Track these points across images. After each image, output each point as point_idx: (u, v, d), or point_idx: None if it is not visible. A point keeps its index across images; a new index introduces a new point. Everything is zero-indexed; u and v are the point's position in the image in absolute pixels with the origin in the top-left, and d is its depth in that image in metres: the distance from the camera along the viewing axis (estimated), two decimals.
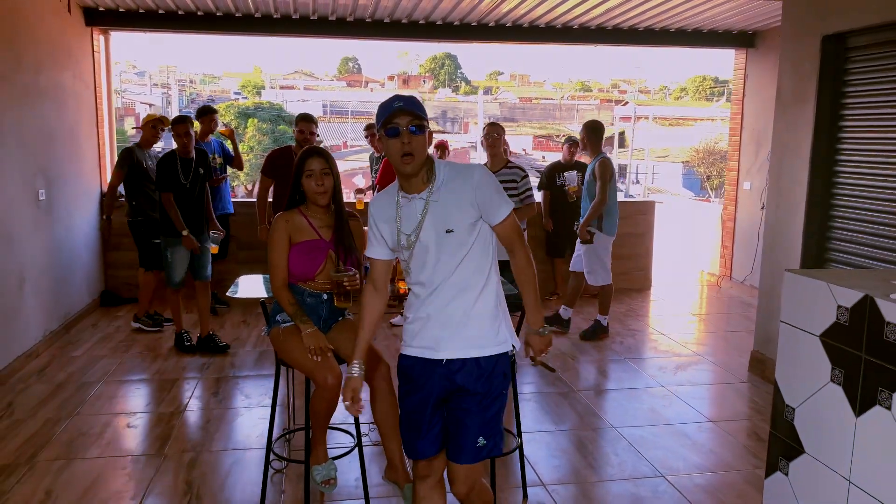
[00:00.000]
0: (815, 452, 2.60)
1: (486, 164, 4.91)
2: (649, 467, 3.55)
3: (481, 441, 2.22)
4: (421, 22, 6.90)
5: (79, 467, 3.47)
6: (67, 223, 5.86)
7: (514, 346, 2.31)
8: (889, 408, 2.21)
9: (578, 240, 5.70)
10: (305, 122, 5.16)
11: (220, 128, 6.28)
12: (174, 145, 5.12)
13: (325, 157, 2.96)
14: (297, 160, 2.96)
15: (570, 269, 5.93)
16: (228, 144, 6.40)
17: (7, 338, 4.74)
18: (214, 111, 6.25)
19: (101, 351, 5.29)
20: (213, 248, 5.27)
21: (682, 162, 32.27)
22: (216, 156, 6.15)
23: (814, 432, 2.61)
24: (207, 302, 5.36)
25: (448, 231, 2.15)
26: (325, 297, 3.04)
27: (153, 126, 5.73)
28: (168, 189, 4.97)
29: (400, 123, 2.09)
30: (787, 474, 2.76)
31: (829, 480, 2.51)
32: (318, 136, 5.32)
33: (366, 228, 2.36)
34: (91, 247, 6.45)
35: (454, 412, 2.26)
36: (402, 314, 5.85)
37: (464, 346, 2.22)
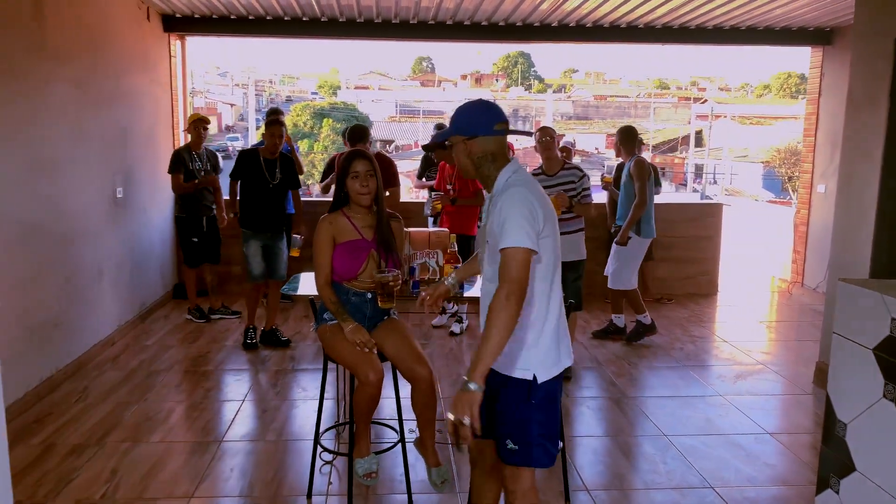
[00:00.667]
0: (866, 471, 2.50)
1: (541, 168, 4.91)
2: (698, 477, 3.47)
3: (510, 444, 2.23)
4: (501, 23, 6.90)
5: (143, 450, 3.68)
6: (143, 219, 6.20)
7: (534, 376, 2.19)
8: None
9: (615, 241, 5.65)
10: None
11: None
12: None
13: (370, 159, 3.05)
14: (343, 162, 3.06)
15: (606, 273, 5.80)
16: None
17: (86, 326, 5.05)
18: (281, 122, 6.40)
19: (170, 341, 5.57)
20: (294, 252, 5.22)
21: (762, 162, 31.08)
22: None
23: (866, 450, 2.51)
24: (277, 299, 5.56)
25: (486, 241, 2.22)
26: (369, 296, 3.10)
27: (195, 126, 5.98)
28: (236, 177, 5.29)
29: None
30: (838, 492, 2.66)
31: (881, 500, 2.41)
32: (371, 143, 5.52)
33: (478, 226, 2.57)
34: (165, 242, 6.79)
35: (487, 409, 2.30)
36: (440, 314, 5.94)
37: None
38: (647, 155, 7.01)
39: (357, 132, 5.42)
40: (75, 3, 4.92)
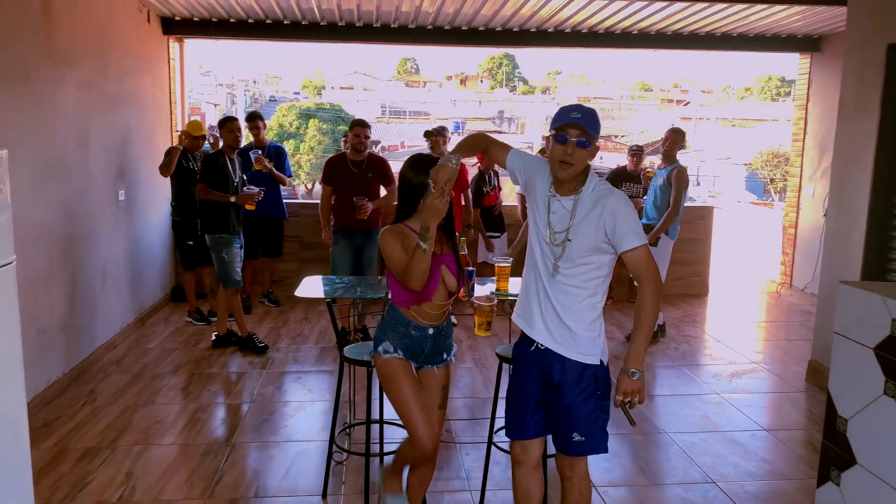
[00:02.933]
0: (867, 464, 2.62)
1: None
2: (700, 473, 3.59)
3: (577, 437, 2.38)
4: (481, 28, 7.02)
5: (155, 452, 3.73)
6: (144, 222, 6.22)
7: (602, 361, 2.41)
8: None
9: None
10: (361, 127, 5.32)
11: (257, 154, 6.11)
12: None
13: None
14: (419, 177, 2.55)
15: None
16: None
17: (91, 329, 5.08)
18: (260, 117, 6.46)
19: (172, 344, 5.60)
20: (251, 205, 5.22)
21: (745, 164, 31.47)
22: (270, 160, 6.28)
23: (867, 444, 2.63)
24: (238, 304, 5.46)
25: (568, 239, 2.30)
26: (430, 331, 2.63)
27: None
28: (206, 182, 5.14)
29: (570, 134, 2.24)
30: (838, 485, 2.78)
31: (881, 492, 2.53)
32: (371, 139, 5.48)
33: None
34: (164, 244, 6.81)
35: (550, 403, 2.45)
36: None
37: (554, 341, 2.38)
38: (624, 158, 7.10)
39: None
40: (82, 7, 4.95)
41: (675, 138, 5.64)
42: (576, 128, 2.23)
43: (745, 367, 5.30)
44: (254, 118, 6.42)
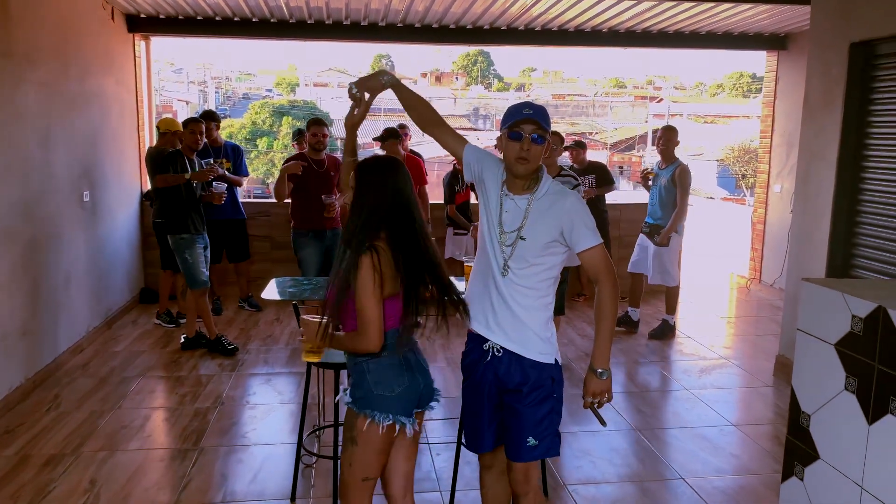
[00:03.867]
0: (829, 459, 2.65)
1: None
2: (669, 469, 3.61)
3: (531, 441, 2.34)
4: (452, 26, 7.00)
5: (121, 458, 3.66)
6: (110, 223, 6.11)
7: (556, 360, 2.40)
8: None
9: (641, 243, 5.92)
10: (318, 126, 5.32)
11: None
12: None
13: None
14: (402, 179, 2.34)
15: (630, 270, 6.05)
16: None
17: (55, 333, 4.98)
18: (214, 117, 6.35)
19: (140, 346, 5.51)
20: (219, 199, 5.34)
21: (717, 160, 31.85)
22: (225, 160, 6.23)
23: (828, 439, 2.66)
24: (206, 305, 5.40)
25: (521, 238, 2.28)
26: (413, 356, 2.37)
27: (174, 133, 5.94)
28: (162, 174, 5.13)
29: (525, 130, 2.22)
30: (802, 479, 2.81)
31: (842, 486, 2.56)
32: (329, 137, 5.46)
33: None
34: (132, 246, 6.70)
35: (505, 410, 2.40)
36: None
37: (511, 341, 2.34)
38: (604, 155, 7.21)
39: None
40: (42, 5, 4.84)
41: (669, 136, 5.75)
42: (530, 123, 2.21)
43: (715, 363, 5.35)
44: (206, 118, 6.26)
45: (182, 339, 5.47)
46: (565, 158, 6.63)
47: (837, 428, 2.61)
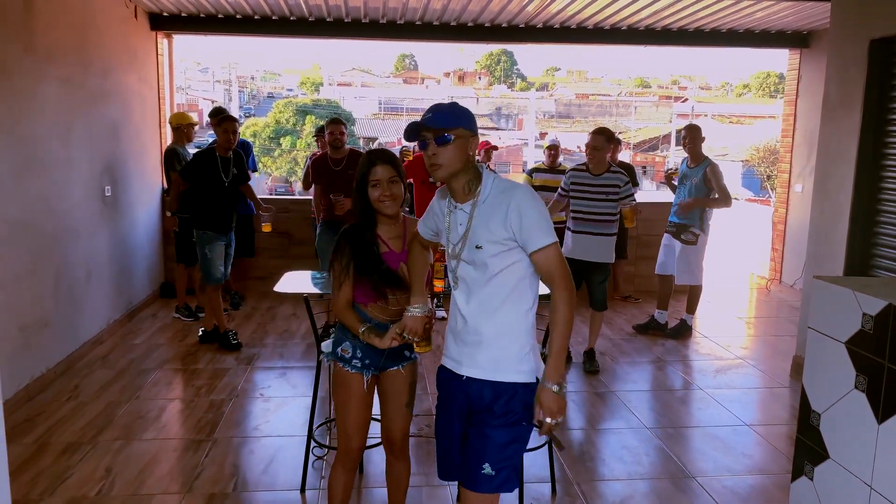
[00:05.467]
0: (839, 458, 2.62)
1: (586, 166, 4.95)
2: (679, 468, 3.59)
3: (487, 469, 2.11)
4: (471, 24, 7.00)
5: (136, 448, 3.73)
6: (131, 218, 6.21)
7: (537, 379, 2.14)
8: None
9: (667, 243, 5.90)
10: (335, 125, 5.38)
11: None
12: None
13: (393, 163, 2.51)
14: (360, 169, 2.52)
15: (657, 272, 6.02)
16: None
17: (75, 325, 5.08)
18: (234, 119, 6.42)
19: (159, 340, 5.60)
20: (267, 227, 5.48)
21: (742, 161, 31.47)
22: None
23: (838, 438, 2.63)
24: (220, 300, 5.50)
25: (477, 247, 2.10)
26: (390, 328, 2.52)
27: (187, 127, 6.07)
28: (189, 178, 5.19)
29: (425, 137, 2.10)
30: (812, 479, 2.78)
31: (852, 486, 2.53)
32: (347, 135, 5.52)
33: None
34: (152, 240, 6.80)
35: (468, 432, 2.20)
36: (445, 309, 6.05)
37: (481, 367, 2.16)
38: (628, 155, 7.21)
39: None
40: (64, 2, 4.94)
41: (694, 134, 5.74)
42: (427, 130, 2.08)
43: (731, 363, 5.30)
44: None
45: (200, 333, 5.55)
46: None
47: (847, 427, 2.58)
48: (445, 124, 2.08)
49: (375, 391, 2.68)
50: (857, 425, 2.51)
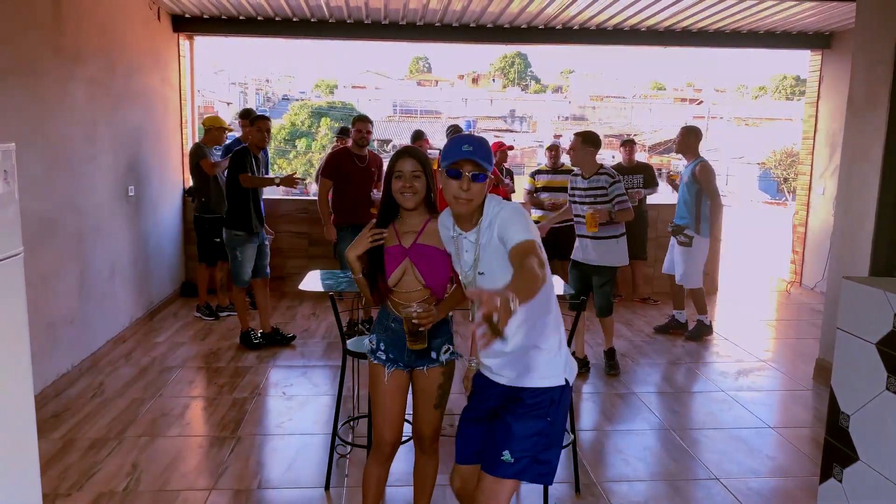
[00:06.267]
0: (869, 460, 2.60)
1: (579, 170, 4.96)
2: (703, 469, 3.58)
3: (506, 456, 2.16)
4: (490, 26, 7.02)
5: (161, 444, 3.76)
6: (153, 218, 6.28)
7: (566, 380, 2.24)
8: None
9: (671, 244, 5.87)
10: (363, 122, 5.42)
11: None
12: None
13: (420, 159, 2.48)
14: (390, 162, 2.53)
15: (664, 271, 6.05)
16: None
17: (100, 323, 5.13)
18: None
19: (181, 338, 5.65)
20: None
21: (759, 164, 31.26)
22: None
23: (869, 440, 2.61)
24: (267, 298, 5.55)
25: (480, 273, 2.18)
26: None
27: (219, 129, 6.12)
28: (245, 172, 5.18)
29: (464, 169, 2.11)
30: (841, 481, 2.76)
31: (882, 488, 2.51)
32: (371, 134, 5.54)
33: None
34: (174, 240, 6.87)
35: (494, 422, 2.27)
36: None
37: (513, 378, 2.24)
38: (643, 155, 7.20)
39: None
40: (91, 4, 5.00)
41: (681, 133, 5.74)
42: (469, 163, 2.10)
43: (753, 366, 5.27)
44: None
45: (258, 337, 5.49)
46: (607, 157, 6.63)
47: (878, 429, 2.56)
48: (487, 163, 2.13)
49: (410, 389, 2.67)
50: (889, 427, 2.49)
